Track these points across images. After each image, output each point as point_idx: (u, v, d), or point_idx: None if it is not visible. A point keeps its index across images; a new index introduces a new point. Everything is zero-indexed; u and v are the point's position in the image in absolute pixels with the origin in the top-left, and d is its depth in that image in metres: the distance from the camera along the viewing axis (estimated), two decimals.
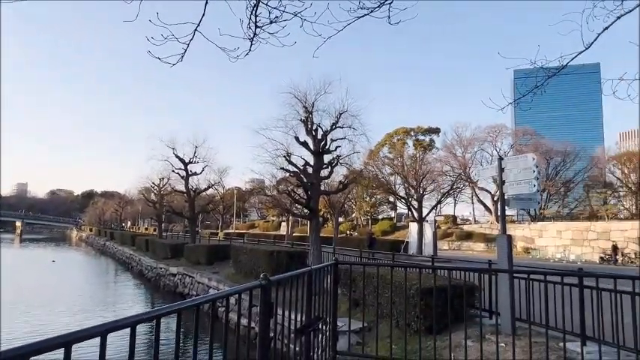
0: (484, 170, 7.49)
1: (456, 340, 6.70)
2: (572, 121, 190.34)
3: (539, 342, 5.83)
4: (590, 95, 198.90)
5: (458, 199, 66.39)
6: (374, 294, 9.24)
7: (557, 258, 34.89)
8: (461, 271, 6.88)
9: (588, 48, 3.77)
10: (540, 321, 6.11)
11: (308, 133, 17.57)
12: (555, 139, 66.75)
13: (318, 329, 4.04)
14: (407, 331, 8.13)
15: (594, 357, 4.80)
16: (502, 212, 6.97)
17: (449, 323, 5.86)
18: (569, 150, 58.88)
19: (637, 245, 33.53)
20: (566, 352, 5.36)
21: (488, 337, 6.66)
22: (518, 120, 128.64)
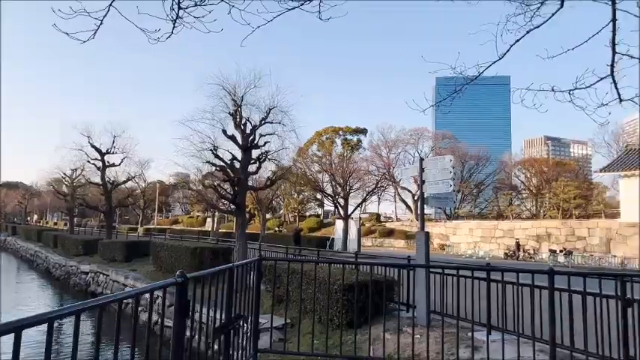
0: (407, 170, 7.83)
1: (375, 333, 6.91)
2: (486, 127, 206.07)
3: (450, 332, 6.20)
4: (501, 105, 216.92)
5: (382, 197, 69.03)
6: (298, 290, 9.27)
7: (469, 254, 37.63)
8: (382, 267, 7.11)
9: (501, 58, 4.07)
10: (452, 313, 6.51)
11: (236, 127, 17.18)
12: (470, 143, 72.01)
13: (239, 327, 3.93)
14: (329, 326, 8.27)
15: (498, 345, 5.19)
16: (421, 210, 7.33)
17: (369, 317, 6.04)
18: (481, 154, 63.83)
19: (536, 242, 37.22)
20: (474, 341, 5.76)
21: (405, 330, 6.96)
22: (438, 124, 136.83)
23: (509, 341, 5.34)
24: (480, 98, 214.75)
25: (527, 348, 5.01)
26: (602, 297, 4.40)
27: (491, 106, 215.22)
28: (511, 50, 4.17)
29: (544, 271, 4.17)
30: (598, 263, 30.06)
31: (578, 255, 31.91)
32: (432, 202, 7.21)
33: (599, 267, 29.16)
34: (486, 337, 4.92)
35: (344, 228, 33.78)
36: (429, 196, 7.08)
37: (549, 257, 31.53)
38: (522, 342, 5.02)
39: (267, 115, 17.15)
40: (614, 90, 3.68)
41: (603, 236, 32.71)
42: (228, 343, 3.58)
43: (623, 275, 4.36)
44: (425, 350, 5.79)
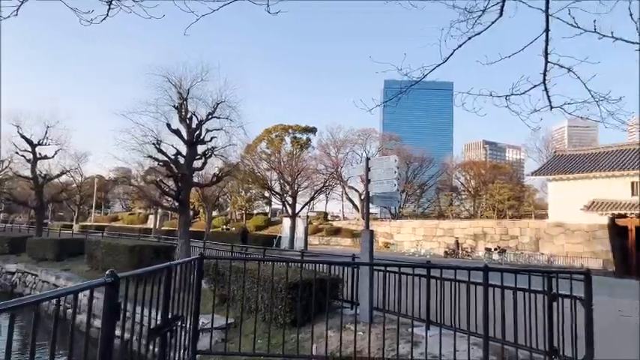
0: (354, 169, 7.93)
1: (319, 331, 6.93)
2: (430, 131, 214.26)
3: (392, 328, 6.34)
4: (445, 109, 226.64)
5: (329, 196, 69.72)
6: (242, 289, 9.11)
7: (412, 252, 38.95)
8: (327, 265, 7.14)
9: (445, 62, 4.20)
10: (395, 309, 6.67)
11: (181, 121, 16.58)
12: (415, 146, 74.52)
13: (177, 328, 3.77)
14: (274, 325, 8.19)
15: (436, 339, 5.37)
16: (366, 209, 7.45)
17: (312, 316, 6.03)
18: (425, 157, 66.24)
19: (473, 241, 39.21)
20: (414, 336, 5.92)
21: (348, 327, 7.03)
22: (386, 126, 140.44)
23: (446, 336, 5.55)
24: (426, 103, 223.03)
25: (464, 342, 5.23)
26: (531, 292, 4.68)
27: (436, 111, 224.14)
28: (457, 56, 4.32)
29: (479, 268, 4.36)
30: (528, 261, 32.20)
31: (511, 253, 34.01)
32: (377, 201, 7.34)
33: (529, 264, 31.24)
34: (425, 332, 5.06)
35: (291, 226, 33.72)
36: (374, 195, 7.21)
37: (485, 255, 33.33)
38: (459, 336, 5.23)
39: (214, 110, 16.70)
40: (546, 97, 3.91)
41: (533, 235, 35.08)
42: (164, 345, 3.42)
43: (550, 272, 4.66)
44: (367, 347, 5.88)
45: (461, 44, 4.00)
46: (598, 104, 3.70)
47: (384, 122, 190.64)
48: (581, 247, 31.52)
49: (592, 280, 4.46)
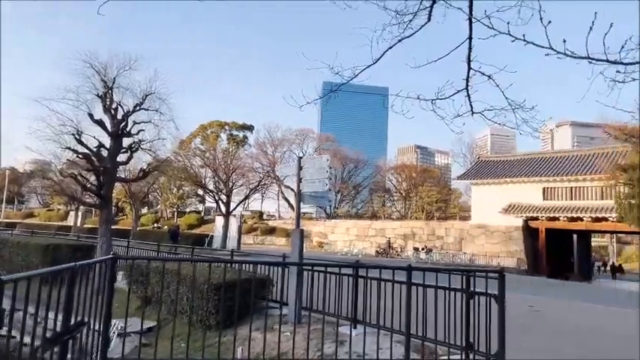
0: (286, 167, 7.83)
1: (245, 333, 6.74)
2: (366, 134, 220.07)
3: (320, 328, 6.32)
4: (381, 113, 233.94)
5: (265, 195, 69.12)
6: (166, 291, 8.67)
7: (345, 251, 39.66)
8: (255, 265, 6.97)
9: (375, 63, 4.25)
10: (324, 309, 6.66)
11: (106, 111, 15.48)
12: (351, 147, 76.09)
13: (81, 335, 3.43)
14: (200, 327, 7.86)
15: (361, 338, 5.41)
16: (297, 208, 7.38)
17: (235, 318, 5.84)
18: (360, 158, 67.87)
19: (403, 241, 40.78)
20: (341, 335, 5.94)
21: (276, 328, 6.91)
22: (323, 127, 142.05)
23: (372, 334, 5.63)
24: (363, 106, 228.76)
25: (388, 339, 5.33)
26: (451, 290, 4.87)
27: (373, 115, 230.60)
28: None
29: (403, 267, 4.45)
30: (452, 259, 34.07)
31: (437, 252, 35.78)
32: (308, 200, 7.30)
33: (453, 262, 33.07)
34: (350, 331, 5.09)
35: (224, 225, 32.92)
36: (306, 194, 7.16)
37: (413, 254, 34.78)
38: (383, 334, 5.32)
39: (142, 101, 15.76)
40: (468, 103, 4.07)
41: (457, 236, 37.18)
42: (64, 354, 3.09)
43: (469, 271, 4.88)
44: (296, 347, 5.80)
45: (391, 46, 4.05)
46: (514, 112, 3.92)
47: (321, 123, 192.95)
48: (499, 247, 33.94)
49: (505, 278, 4.72)
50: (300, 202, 7.33)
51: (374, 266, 5.51)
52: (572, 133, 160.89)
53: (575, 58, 2.98)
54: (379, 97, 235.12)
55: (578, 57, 2.98)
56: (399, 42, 3.98)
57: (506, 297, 4.70)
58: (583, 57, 2.98)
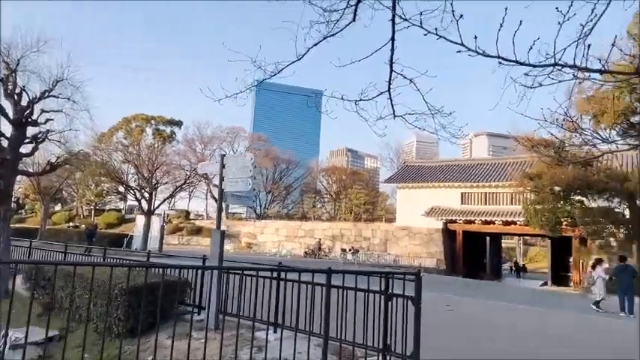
0: (208, 165, 7.45)
1: (160, 340, 6.30)
2: (299, 135, 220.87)
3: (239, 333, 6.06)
4: (314, 116, 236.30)
5: (193, 194, 66.69)
6: (72, 296, 7.90)
7: (273, 252, 39.34)
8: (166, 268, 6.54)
9: (300, 59, 4.12)
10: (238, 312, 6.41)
11: (8, 97, 13.85)
12: (284, 148, 75.88)
13: None
14: (109, 335, 7.24)
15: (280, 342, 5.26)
16: (219, 207, 7.05)
17: (139, 326, 5.42)
18: (292, 159, 67.91)
19: (331, 242, 41.33)
20: (258, 339, 5.74)
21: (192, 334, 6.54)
22: (256, 127, 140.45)
23: (291, 338, 5.49)
24: (298, 108, 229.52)
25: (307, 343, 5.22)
26: (370, 292, 4.88)
27: (306, 117, 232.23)
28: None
29: (323, 270, 4.36)
30: (377, 260, 35.14)
31: (363, 253, 36.71)
32: (231, 200, 7.00)
33: (378, 263, 34.11)
34: (266, 335, 4.92)
35: (145, 225, 31.14)
36: (229, 194, 6.86)
37: (340, 255, 35.36)
38: (303, 337, 5.21)
39: (52, 88, 14.33)
40: (390, 106, 4.08)
41: (382, 237, 38.44)
42: None
43: (387, 273, 4.92)
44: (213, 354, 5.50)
45: (316, 43, 3.95)
46: (433, 117, 4.00)
47: (254, 123, 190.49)
48: (421, 248, 35.62)
49: (422, 279, 4.82)
50: (224, 202, 7.01)
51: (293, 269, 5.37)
52: (488, 142, 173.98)
53: (486, 57, 3.04)
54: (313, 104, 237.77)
55: (488, 55, 3.05)
56: (324, 39, 3.89)
57: (424, 297, 4.80)
58: (493, 56, 3.05)
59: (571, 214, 22.38)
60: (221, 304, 6.41)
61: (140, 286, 6.25)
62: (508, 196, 32.55)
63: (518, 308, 12.70)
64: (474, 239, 36.42)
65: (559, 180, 21.94)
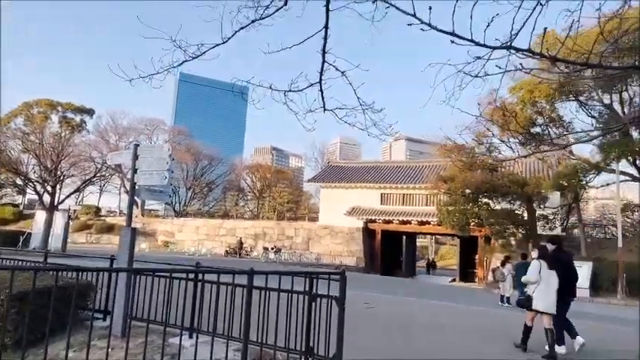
0: (119, 155, 6.75)
1: (54, 351, 5.58)
2: (224, 131, 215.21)
3: (150, 340, 5.55)
4: (239, 112, 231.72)
5: (104, 188, 61.96)
6: None
7: (192, 251, 37.75)
8: (59, 271, 5.82)
9: (224, 42, 3.81)
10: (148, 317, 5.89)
11: None
12: (206, 143, 73.28)
13: None
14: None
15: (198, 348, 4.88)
16: (130, 203, 6.41)
17: (24, 337, 4.71)
18: (215, 155, 65.78)
19: (254, 240, 40.67)
20: (172, 346, 5.30)
21: (94, 344, 5.88)
22: (178, 121, 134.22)
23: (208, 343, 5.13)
24: (222, 103, 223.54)
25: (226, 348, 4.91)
26: (293, 293, 4.69)
27: (231, 113, 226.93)
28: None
29: (244, 271, 4.09)
30: (300, 259, 35.21)
31: (285, 252, 36.59)
32: (144, 195, 6.40)
33: (300, 262, 34.19)
34: (179, 340, 4.52)
35: (47, 221, 28.17)
36: (141, 188, 6.26)
37: (262, 254, 34.90)
38: (221, 342, 4.88)
39: None
40: (321, 98, 3.93)
41: (305, 236, 38.65)
42: None
43: (312, 273, 4.77)
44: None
45: (243, 27, 3.66)
46: (364, 112, 3.91)
47: (176, 116, 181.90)
48: (342, 247, 36.36)
49: (347, 280, 4.74)
50: (137, 197, 6.40)
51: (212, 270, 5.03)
52: (406, 146, 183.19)
53: (439, 32, 2.96)
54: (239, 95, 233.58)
55: (441, 31, 2.96)
56: (252, 23, 3.62)
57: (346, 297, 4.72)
58: (447, 32, 2.96)
59: (478, 215, 24.19)
60: (129, 308, 5.83)
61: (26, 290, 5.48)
62: (424, 198, 34.38)
63: (431, 304, 13.33)
64: (392, 238, 37.99)
65: (469, 183, 23.60)
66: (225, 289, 5.17)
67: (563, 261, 7.24)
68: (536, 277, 6.93)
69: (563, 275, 6.96)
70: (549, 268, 6.88)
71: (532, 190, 23.11)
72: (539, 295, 6.83)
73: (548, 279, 6.82)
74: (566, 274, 7.06)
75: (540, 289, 6.85)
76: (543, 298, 6.78)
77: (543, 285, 6.83)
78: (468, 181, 23.92)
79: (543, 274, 6.88)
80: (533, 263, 7.19)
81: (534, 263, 7.15)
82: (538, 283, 6.89)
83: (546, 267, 6.91)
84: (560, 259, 7.16)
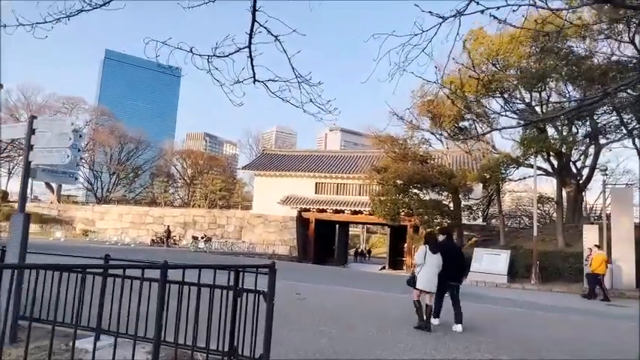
0: (11, 128, 5.72)
1: None
2: (154, 114, 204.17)
3: (45, 345, 4.77)
4: (171, 95, 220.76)
5: (14, 171, 56.05)
6: None
7: (114, 241, 35.28)
8: None
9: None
10: (48, 318, 5.10)
11: None
12: (134, 126, 68.83)
13: None
14: None
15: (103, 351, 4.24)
16: (23, 185, 5.42)
17: None
18: (143, 139, 61.93)
19: (183, 229, 38.93)
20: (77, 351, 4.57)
21: None
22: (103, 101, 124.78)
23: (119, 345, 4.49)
24: (152, 86, 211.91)
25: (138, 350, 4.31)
26: (216, 288, 4.20)
27: (162, 96, 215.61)
28: None
29: (157, 265, 3.52)
30: (231, 248, 34.27)
31: (216, 241, 35.43)
32: (41, 176, 5.45)
33: (232, 251, 33.27)
34: (73, 343, 3.86)
35: None
36: (39, 168, 5.34)
37: (191, 243, 33.49)
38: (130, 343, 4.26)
39: None
40: (250, 66, 3.43)
41: (238, 225, 37.70)
42: None
43: (237, 266, 4.29)
44: None
45: None
46: (300, 85, 3.48)
47: (100, 96, 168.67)
48: (275, 236, 35.93)
49: (279, 270, 4.33)
50: (32, 178, 5.45)
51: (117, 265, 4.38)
52: (341, 137, 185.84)
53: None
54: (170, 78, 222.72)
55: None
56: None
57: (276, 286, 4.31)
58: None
59: (409, 205, 24.89)
60: (18, 309, 4.98)
61: None
62: (357, 188, 34.85)
63: (363, 293, 13.35)
64: (325, 227, 38.20)
65: (402, 174, 24.15)
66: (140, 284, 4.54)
67: (448, 248, 8.21)
68: (421, 260, 7.85)
69: (448, 261, 7.91)
70: (432, 253, 7.81)
71: (459, 182, 24.18)
72: (422, 275, 7.78)
73: (430, 262, 7.77)
74: (451, 261, 7.99)
75: (424, 270, 7.79)
76: (425, 278, 7.73)
77: (426, 267, 7.77)
78: (400, 171, 24.46)
79: (427, 257, 7.80)
80: (421, 248, 8.11)
81: (421, 248, 8.05)
82: (423, 265, 7.80)
83: (430, 251, 7.83)
84: (445, 246, 8.19)
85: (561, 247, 20.79)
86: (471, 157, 30.68)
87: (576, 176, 26.31)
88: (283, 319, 7.44)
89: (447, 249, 8.11)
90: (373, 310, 9.79)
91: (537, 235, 20.22)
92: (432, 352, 6.33)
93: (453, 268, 8.03)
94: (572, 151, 24.06)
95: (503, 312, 11.24)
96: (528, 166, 24.97)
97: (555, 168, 24.49)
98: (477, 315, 9.43)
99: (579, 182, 26.33)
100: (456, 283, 8.22)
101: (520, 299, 14.43)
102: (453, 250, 8.47)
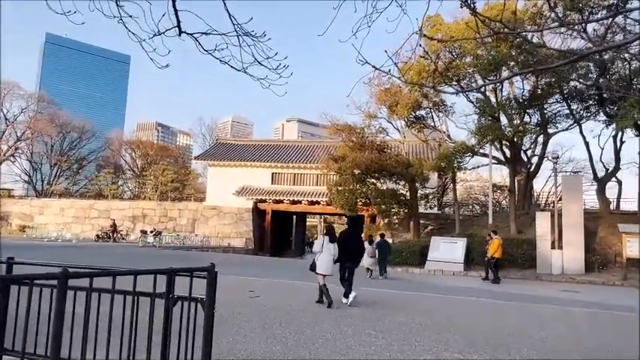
0: None
1: None
2: (98, 102, 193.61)
3: None
4: (119, 83, 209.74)
5: None
6: None
7: (54, 236, 32.78)
8: None
9: None
10: None
11: None
12: (78, 115, 64.57)
13: None
14: None
15: None
16: None
17: None
18: (87, 128, 58.17)
19: (131, 223, 36.88)
20: None
21: None
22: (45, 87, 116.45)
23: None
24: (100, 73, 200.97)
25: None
26: (141, 295, 3.40)
27: (110, 84, 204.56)
28: None
29: (54, 275, 2.68)
30: (183, 242, 32.75)
31: (168, 234, 33.80)
32: None
33: (184, 245, 31.80)
34: None
35: None
36: None
37: (140, 238, 31.71)
38: None
39: None
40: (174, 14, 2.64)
41: (191, 217, 36.19)
42: None
43: (168, 270, 3.50)
44: None
45: None
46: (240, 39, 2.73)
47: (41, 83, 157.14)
48: (230, 228, 34.77)
49: (217, 277, 3.59)
50: None
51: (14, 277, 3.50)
52: (298, 128, 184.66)
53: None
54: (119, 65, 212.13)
55: None
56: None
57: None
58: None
59: (366, 195, 24.60)
60: None
61: None
62: (315, 178, 34.30)
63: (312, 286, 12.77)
64: (282, 218, 37.44)
65: (359, 163, 23.77)
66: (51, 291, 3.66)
67: (347, 239, 9.49)
68: (319, 248, 9.03)
69: (348, 248, 9.13)
70: (330, 242, 8.99)
71: (415, 171, 24.12)
72: (320, 261, 8.87)
73: (327, 250, 8.92)
74: (350, 248, 9.21)
75: (321, 257, 8.89)
76: (322, 264, 8.84)
77: (323, 255, 8.89)
78: (358, 160, 24.07)
79: (325, 246, 8.95)
80: (319, 238, 9.50)
81: (320, 238, 9.28)
82: (321, 253, 8.91)
83: (328, 241, 9.00)
84: (344, 236, 9.57)
85: (514, 234, 21.24)
86: (428, 147, 30.85)
87: (526, 165, 27.05)
88: (231, 322, 6.70)
89: (344, 239, 9.33)
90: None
91: (491, 223, 20.50)
92: (397, 354, 5.83)
93: (347, 254, 9.12)
94: (523, 139, 24.60)
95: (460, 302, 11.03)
96: (482, 155, 25.34)
97: (507, 157, 25.00)
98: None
99: (529, 170, 27.10)
100: (351, 265, 9.29)
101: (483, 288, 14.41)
102: (352, 240, 9.61)
